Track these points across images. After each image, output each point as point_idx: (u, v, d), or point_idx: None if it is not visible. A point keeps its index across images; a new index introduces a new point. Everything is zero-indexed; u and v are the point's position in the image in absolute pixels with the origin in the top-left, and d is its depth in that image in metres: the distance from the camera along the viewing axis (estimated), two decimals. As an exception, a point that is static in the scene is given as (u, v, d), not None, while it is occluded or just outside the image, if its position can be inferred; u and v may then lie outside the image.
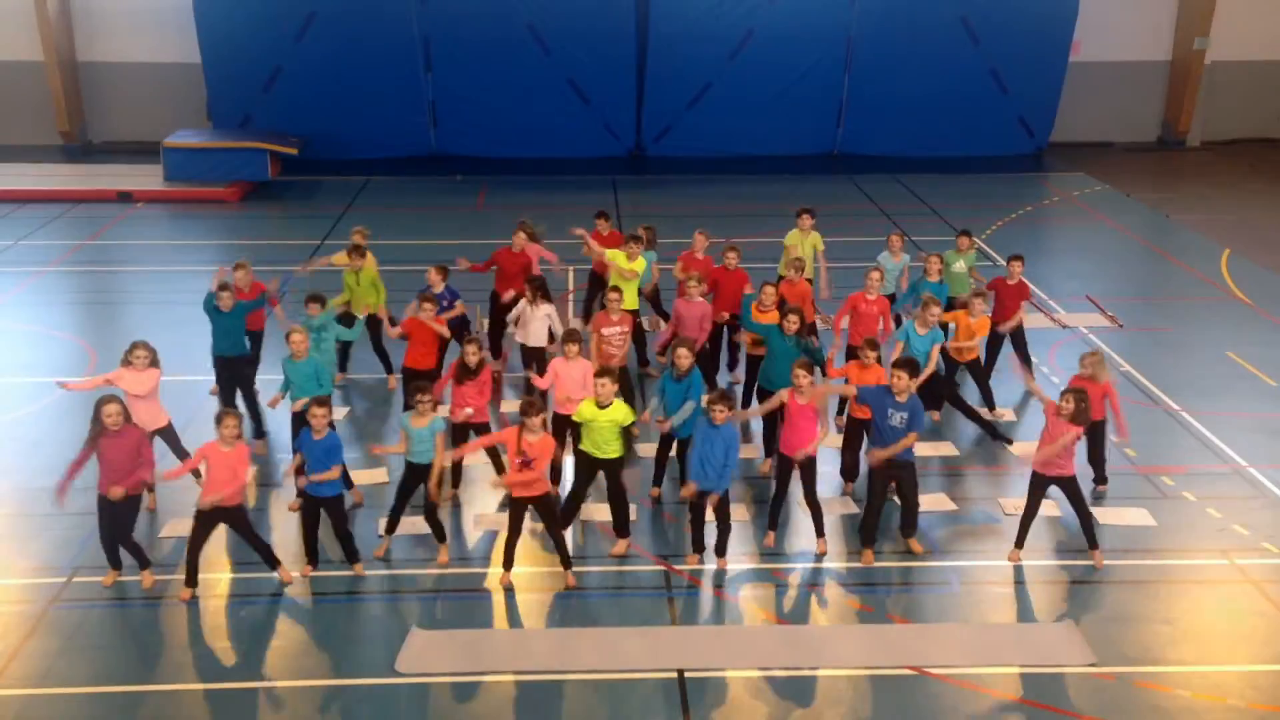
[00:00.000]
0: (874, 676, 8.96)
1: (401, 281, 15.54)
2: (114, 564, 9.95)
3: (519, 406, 9.78)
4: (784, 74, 26.60)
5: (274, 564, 10.01)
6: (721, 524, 10.30)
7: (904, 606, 9.92)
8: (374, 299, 13.68)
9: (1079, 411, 9.95)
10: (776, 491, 10.73)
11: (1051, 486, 10.32)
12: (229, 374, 12.51)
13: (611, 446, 10.34)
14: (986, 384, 13.37)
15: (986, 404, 13.30)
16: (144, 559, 10.01)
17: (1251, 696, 8.78)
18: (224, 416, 9.60)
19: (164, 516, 11.06)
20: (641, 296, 14.02)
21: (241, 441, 9.70)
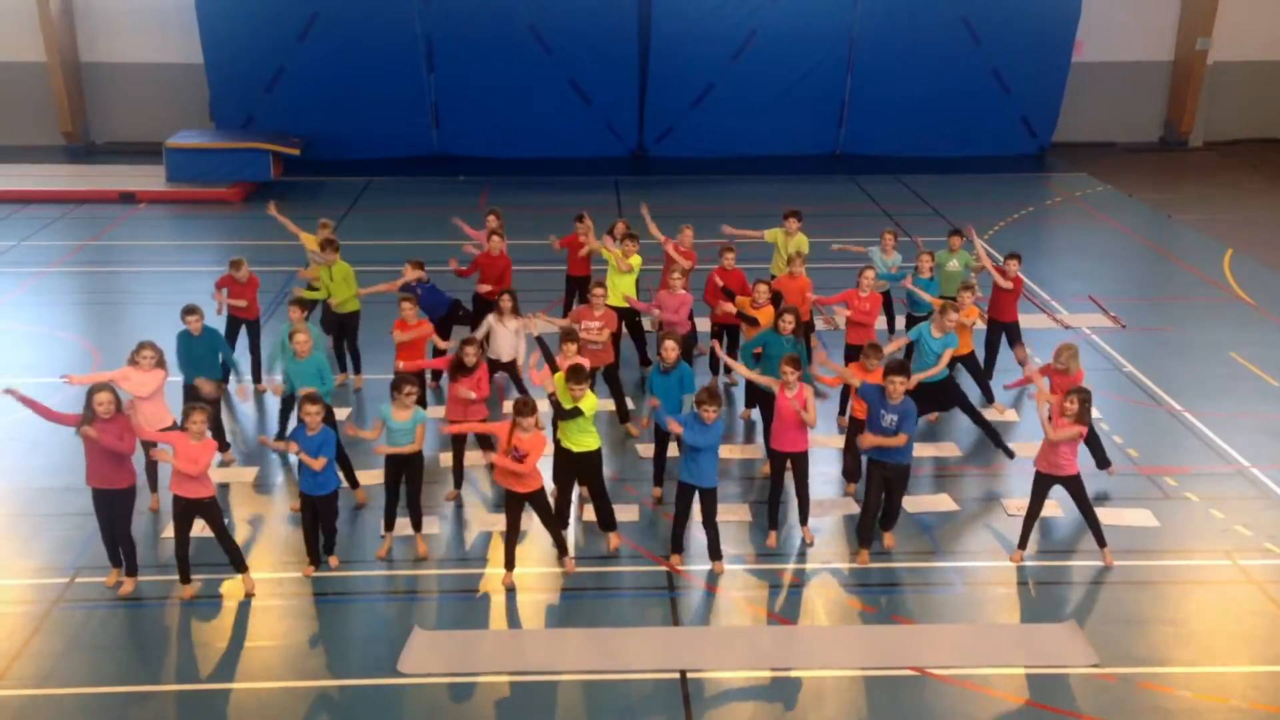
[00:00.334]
0: (876, 677, 8.95)
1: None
2: (115, 562, 9.97)
3: (512, 405, 9.80)
4: (786, 74, 26.60)
5: (242, 568, 10.01)
6: (710, 528, 10.28)
7: (906, 607, 9.92)
8: (346, 293, 13.70)
9: (1084, 412, 9.95)
10: (773, 489, 10.75)
11: (1055, 487, 10.32)
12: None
13: (587, 439, 10.38)
14: (986, 381, 13.47)
15: (986, 399, 13.41)
16: (133, 564, 9.98)
17: (1254, 697, 8.77)
18: (190, 412, 9.65)
19: (166, 517, 11.04)
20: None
21: (209, 437, 9.75)
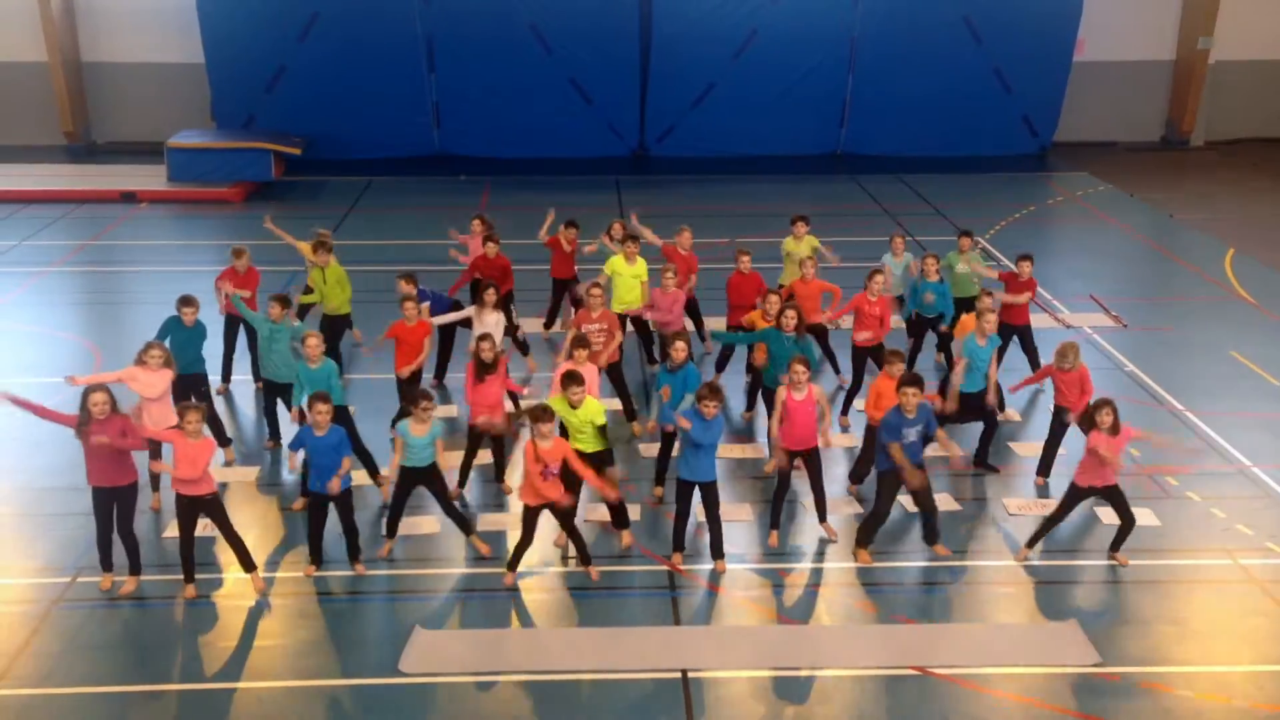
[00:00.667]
0: (877, 676, 8.95)
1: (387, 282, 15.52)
2: (107, 566, 9.96)
3: (529, 413, 9.77)
4: (787, 74, 26.60)
5: (250, 567, 10.02)
6: (712, 523, 10.30)
7: (907, 606, 9.91)
8: (340, 297, 13.72)
9: (1116, 420, 10.06)
10: (778, 488, 10.74)
11: (1093, 498, 10.37)
12: (184, 391, 11.57)
13: (593, 441, 10.40)
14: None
15: (999, 405, 13.37)
16: (136, 562, 9.99)
17: (1255, 696, 8.77)
18: (185, 411, 9.64)
19: (167, 516, 11.05)
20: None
21: (207, 436, 9.75)
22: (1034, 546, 10.58)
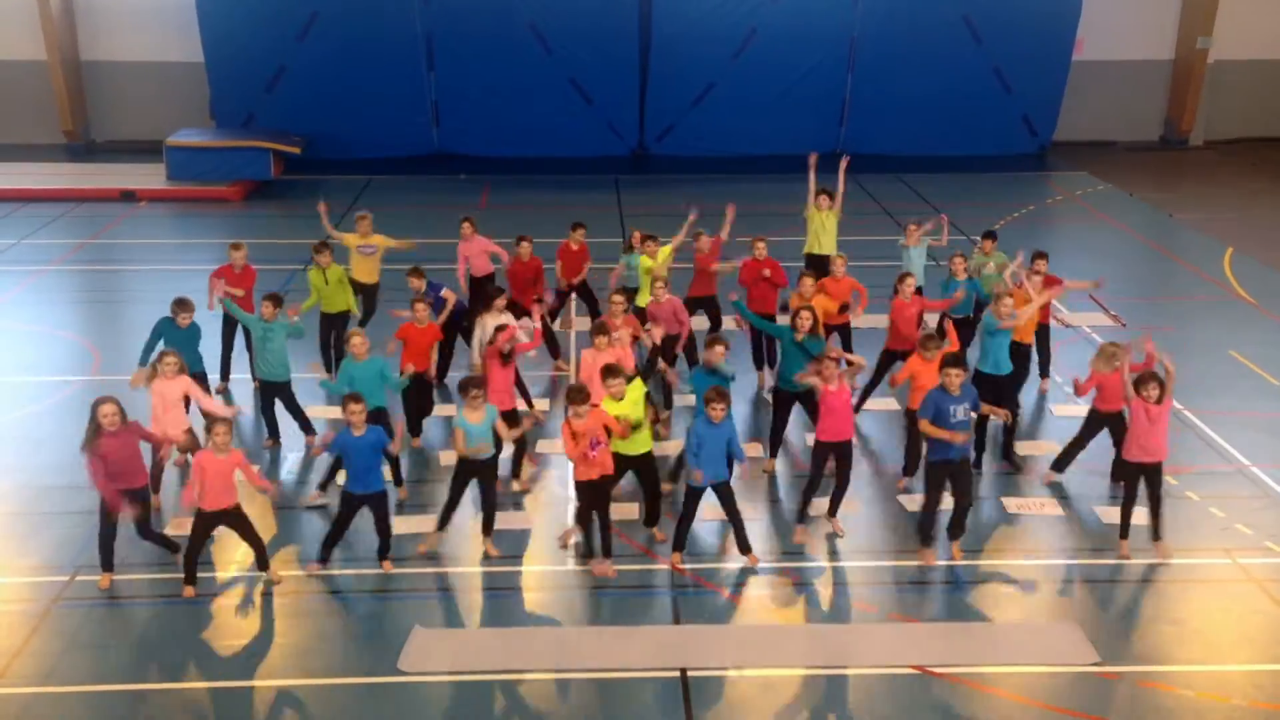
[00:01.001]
0: (878, 676, 8.95)
1: (400, 280, 15.49)
2: (107, 566, 9.94)
3: (565, 394, 10.00)
4: (787, 73, 26.60)
5: (265, 566, 10.04)
6: (733, 519, 10.32)
7: (908, 606, 9.91)
8: (343, 298, 13.74)
9: (1164, 389, 10.17)
10: (810, 482, 10.77)
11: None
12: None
13: (640, 442, 10.41)
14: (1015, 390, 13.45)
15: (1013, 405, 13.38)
16: (172, 543, 10.17)
17: (1255, 695, 8.77)
18: (214, 424, 9.60)
19: (168, 516, 11.07)
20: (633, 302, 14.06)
21: (235, 448, 9.71)
22: (1126, 536, 10.57)
